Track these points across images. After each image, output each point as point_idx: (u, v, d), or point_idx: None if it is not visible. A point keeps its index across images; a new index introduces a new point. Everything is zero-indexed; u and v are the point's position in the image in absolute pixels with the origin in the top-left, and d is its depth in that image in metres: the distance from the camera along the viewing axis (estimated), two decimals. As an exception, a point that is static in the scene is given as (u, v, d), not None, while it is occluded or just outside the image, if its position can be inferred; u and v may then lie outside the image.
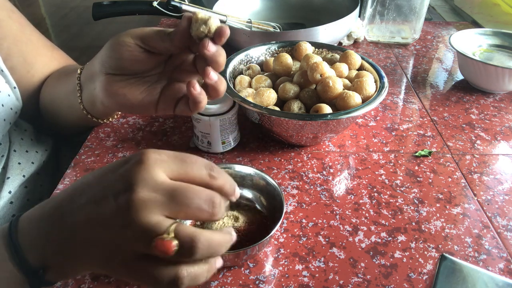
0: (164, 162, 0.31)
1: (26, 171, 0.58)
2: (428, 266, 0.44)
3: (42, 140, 0.66)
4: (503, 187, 0.54)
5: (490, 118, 0.68)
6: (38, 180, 0.61)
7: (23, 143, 0.60)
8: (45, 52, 0.64)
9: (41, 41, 0.64)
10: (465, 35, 0.79)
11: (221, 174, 0.33)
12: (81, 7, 3.29)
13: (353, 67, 0.65)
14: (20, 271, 0.32)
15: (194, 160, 0.32)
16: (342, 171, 0.57)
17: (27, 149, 0.61)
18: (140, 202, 0.29)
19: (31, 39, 0.62)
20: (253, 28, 0.85)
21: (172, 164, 0.31)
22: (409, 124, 0.67)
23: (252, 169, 0.49)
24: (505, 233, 0.48)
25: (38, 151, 0.63)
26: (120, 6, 0.83)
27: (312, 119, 0.53)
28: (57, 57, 0.66)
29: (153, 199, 0.29)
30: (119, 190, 0.30)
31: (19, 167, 0.58)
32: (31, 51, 0.61)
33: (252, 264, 0.44)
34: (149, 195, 0.29)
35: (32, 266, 0.32)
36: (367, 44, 0.95)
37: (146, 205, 0.29)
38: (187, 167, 0.32)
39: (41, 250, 0.33)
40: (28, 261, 0.32)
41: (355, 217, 0.50)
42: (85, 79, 0.53)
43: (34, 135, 0.64)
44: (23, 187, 0.58)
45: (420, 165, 0.58)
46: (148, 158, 0.30)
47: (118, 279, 0.42)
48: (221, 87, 0.43)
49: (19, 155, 0.59)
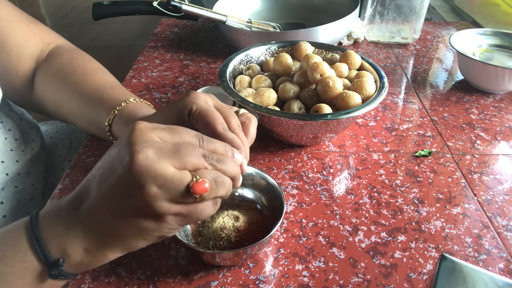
0: (156, 129, 0.32)
1: (9, 169, 0.57)
2: (428, 266, 0.44)
3: (29, 139, 0.63)
4: (503, 187, 0.54)
5: (490, 118, 0.68)
6: (28, 179, 0.60)
7: (7, 142, 0.58)
8: (20, 28, 0.58)
9: (14, 15, 0.58)
10: (465, 35, 0.79)
11: (210, 141, 0.34)
12: (81, 7, 3.29)
13: (353, 67, 0.65)
14: (40, 260, 0.33)
15: (184, 130, 0.34)
16: (342, 171, 0.57)
17: (12, 148, 0.59)
18: (150, 159, 0.30)
19: (2, 15, 0.56)
20: (253, 28, 0.85)
21: (163, 132, 0.33)
22: (409, 124, 0.67)
23: (253, 169, 0.49)
24: (505, 233, 0.48)
25: (24, 150, 0.61)
26: (120, 6, 0.83)
27: (312, 119, 0.53)
28: (36, 32, 0.60)
29: (159, 154, 0.31)
30: (122, 157, 0.31)
31: (2, 165, 0.56)
32: (2, 28, 0.56)
33: (252, 264, 0.44)
34: (154, 151, 0.31)
35: (53, 255, 0.33)
36: (367, 44, 0.95)
37: (158, 160, 0.30)
38: (177, 134, 0.33)
39: (62, 240, 0.33)
40: (48, 251, 0.33)
41: (355, 217, 0.50)
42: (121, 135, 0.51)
43: (19, 135, 0.61)
44: (13, 186, 0.57)
45: (420, 165, 0.58)
46: (139, 126, 0.32)
47: (118, 279, 0.42)
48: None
49: (3, 154, 0.57)
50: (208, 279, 0.42)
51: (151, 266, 0.44)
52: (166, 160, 0.31)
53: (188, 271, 0.43)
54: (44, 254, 0.33)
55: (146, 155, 0.30)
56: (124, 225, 0.32)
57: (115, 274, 0.43)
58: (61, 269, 0.33)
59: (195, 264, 0.44)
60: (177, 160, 0.31)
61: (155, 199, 0.30)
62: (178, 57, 0.87)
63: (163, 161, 0.30)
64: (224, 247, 0.43)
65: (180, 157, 0.31)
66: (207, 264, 0.44)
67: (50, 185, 0.68)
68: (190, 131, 0.34)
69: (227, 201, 0.50)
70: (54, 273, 0.33)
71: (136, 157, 0.30)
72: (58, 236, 0.33)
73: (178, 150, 0.31)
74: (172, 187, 0.31)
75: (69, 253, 0.33)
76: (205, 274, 0.43)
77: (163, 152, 0.31)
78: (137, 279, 0.43)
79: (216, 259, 0.41)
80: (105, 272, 0.43)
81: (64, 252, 0.33)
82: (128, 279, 0.42)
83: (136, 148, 0.30)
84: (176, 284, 0.42)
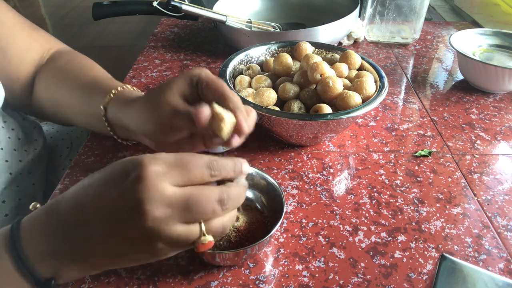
0: (165, 174, 0.31)
1: (13, 169, 0.58)
2: (428, 266, 0.44)
3: (31, 139, 0.64)
4: (503, 187, 0.54)
5: (490, 118, 0.68)
6: (29, 179, 0.60)
7: (10, 142, 0.59)
8: (21, 34, 0.58)
9: (17, 22, 0.58)
10: (465, 35, 0.79)
11: (222, 167, 0.33)
12: (81, 7, 3.29)
13: (353, 67, 0.65)
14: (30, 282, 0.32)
15: (194, 163, 0.32)
16: (342, 171, 0.57)
17: (15, 148, 0.59)
18: (158, 220, 0.30)
19: (4, 21, 0.56)
20: (253, 28, 0.85)
21: (174, 174, 0.31)
22: (409, 124, 0.67)
23: (253, 169, 0.49)
24: (505, 233, 0.48)
25: (27, 149, 0.61)
26: (120, 6, 0.83)
27: (312, 119, 0.53)
28: (38, 39, 0.60)
29: (169, 214, 0.30)
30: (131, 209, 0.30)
31: (6, 165, 0.57)
32: (4, 34, 0.56)
33: (252, 264, 0.44)
34: (164, 212, 0.30)
35: (43, 276, 0.33)
36: (367, 44, 0.95)
37: (166, 221, 0.30)
38: (189, 173, 0.32)
39: (51, 259, 0.33)
40: (37, 272, 0.32)
41: (355, 217, 0.50)
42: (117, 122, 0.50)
43: (22, 135, 0.62)
44: (15, 186, 0.58)
45: (420, 165, 0.58)
46: (148, 173, 0.30)
47: (118, 279, 0.42)
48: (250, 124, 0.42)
49: (6, 153, 0.57)
50: (208, 279, 0.42)
51: (151, 266, 0.44)
52: (176, 221, 0.31)
53: (188, 271, 0.43)
54: (33, 276, 0.32)
55: (157, 216, 0.30)
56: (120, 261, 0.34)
57: (115, 274, 0.43)
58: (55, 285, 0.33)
59: (195, 264, 0.44)
60: (186, 217, 0.31)
61: (160, 253, 0.33)
62: (178, 57, 0.87)
63: (172, 223, 0.31)
64: (224, 247, 0.43)
65: (190, 214, 0.31)
66: (207, 264, 0.44)
67: (51, 184, 0.68)
68: (199, 162, 0.32)
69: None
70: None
71: (147, 216, 0.30)
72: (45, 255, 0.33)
73: (189, 207, 0.31)
74: (178, 244, 0.32)
75: (59, 270, 0.33)
76: (205, 274, 0.43)
77: (173, 212, 0.30)
78: (137, 279, 0.43)
79: (216, 259, 0.41)
80: (105, 272, 0.43)
81: (55, 269, 0.33)
82: (128, 279, 0.42)
83: (147, 207, 0.30)
84: (176, 284, 0.42)
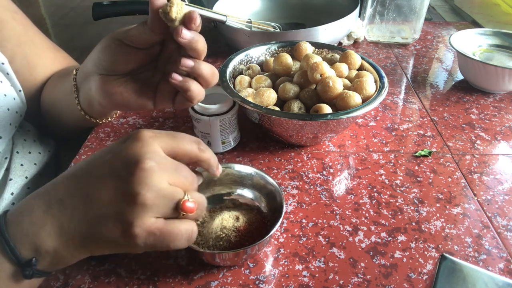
0: (158, 137, 0.35)
1: (28, 173, 0.58)
2: (428, 266, 0.44)
3: (45, 141, 0.65)
4: (503, 187, 0.54)
5: (490, 118, 0.68)
6: (40, 181, 0.61)
7: (26, 144, 0.60)
8: (48, 54, 0.63)
9: (44, 43, 0.64)
10: (465, 35, 0.79)
11: (207, 148, 0.38)
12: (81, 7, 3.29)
13: (353, 67, 0.65)
14: (12, 262, 0.33)
15: (184, 135, 0.37)
16: (342, 171, 0.57)
17: (30, 150, 0.60)
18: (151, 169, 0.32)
19: (34, 40, 0.61)
20: (253, 28, 0.85)
21: (165, 139, 0.35)
22: (409, 124, 0.67)
23: (252, 169, 0.49)
24: (505, 233, 0.48)
25: (41, 152, 0.62)
26: (120, 6, 0.83)
27: (312, 119, 0.53)
28: (59, 59, 0.65)
29: (162, 167, 0.33)
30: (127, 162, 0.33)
31: (21, 169, 0.57)
32: (34, 53, 0.61)
33: (252, 264, 0.44)
34: (158, 164, 0.33)
35: (24, 255, 0.33)
36: (367, 44, 0.95)
37: (159, 172, 0.33)
38: (178, 141, 0.36)
39: (34, 238, 0.33)
40: (19, 251, 0.33)
41: (355, 217, 0.50)
42: (81, 80, 0.53)
43: (37, 136, 0.64)
44: (26, 188, 0.58)
45: (420, 165, 0.58)
46: (143, 135, 0.34)
47: (118, 279, 0.42)
48: (203, 72, 0.43)
49: (22, 157, 0.58)
50: (208, 279, 0.42)
51: (151, 266, 0.44)
52: (164, 174, 0.33)
53: (188, 271, 0.43)
54: (15, 255, 0.33)
55: (150, 165, 0.32)
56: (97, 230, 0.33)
57: (115, 274, 0.43)
58: (35, 268, 0.33)
59: (195, 264, 0.44)
60: (173, 177, 0.34)
61: (144, 209, 0.32)
62: (178, 57, 0.87)
63: (161, 175, 0.33)
64: (224, 247, 0.43)
65: (177, 175, 0.34)
66: (207, 264, 0.44)
67: None
68: (189, 136, 0.37)
69: (227, 201, 0.50)
70: (28, 273, 0.33)
71: (142, 164, 0.32)
72: (28, 236, 0.33)
73: (177, 168, 0.35)
74: (163, 200, 0.33)
75: (42, 250, 0.33)
76: (205, 274, 0.43)
77: (163, 167, 0.33)
78: (137, 279, 0.43)
79: (216, 259, 0.41)
80: (105, 272, 0.43)
81: (36, 251, 0.33)
82: (128, 279, 0.42)
83: (143, 158, 0.32)
84: (176, 284, 0.42)
